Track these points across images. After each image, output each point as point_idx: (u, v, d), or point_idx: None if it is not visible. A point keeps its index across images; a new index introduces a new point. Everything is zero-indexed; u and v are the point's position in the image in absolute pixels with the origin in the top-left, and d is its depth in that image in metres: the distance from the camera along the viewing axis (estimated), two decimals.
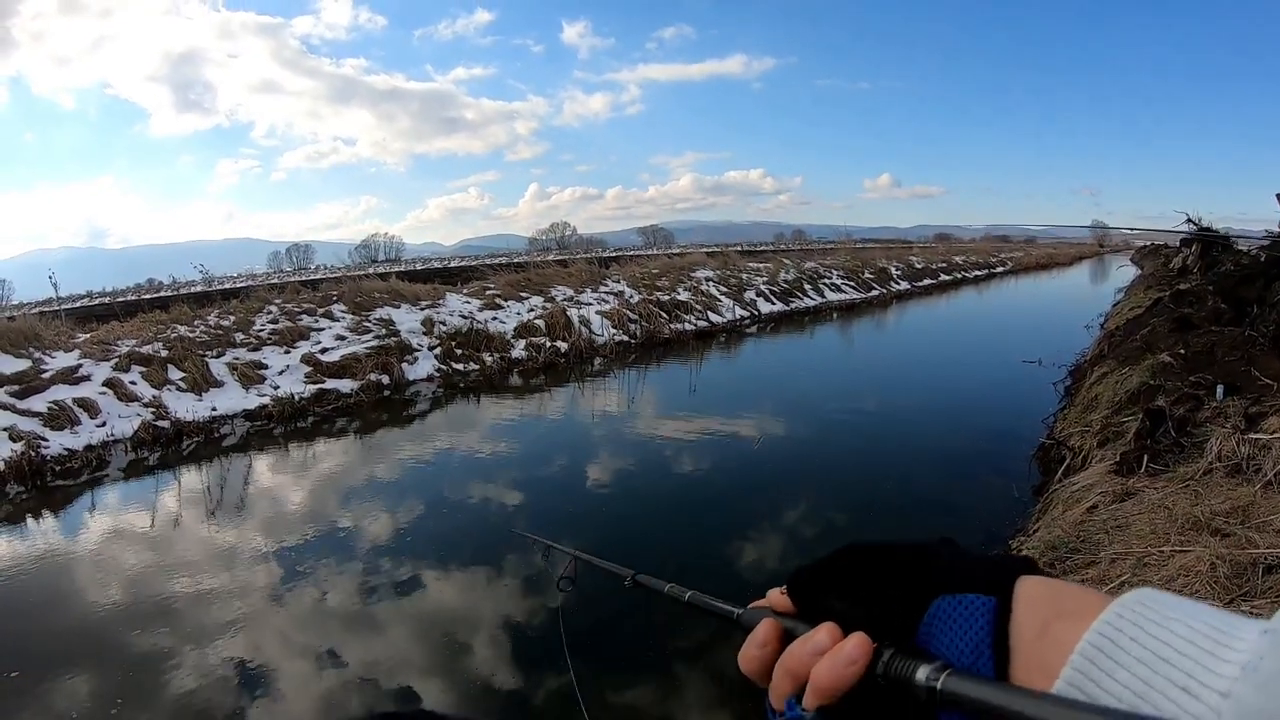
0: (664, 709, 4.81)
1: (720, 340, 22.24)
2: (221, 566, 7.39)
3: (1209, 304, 11.14)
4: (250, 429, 13.04)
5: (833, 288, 31.96)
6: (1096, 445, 7.46)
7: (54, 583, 7.28)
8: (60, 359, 13.40)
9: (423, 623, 6.18)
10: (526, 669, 5.34)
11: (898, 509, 8.26)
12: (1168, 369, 8.22)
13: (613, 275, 25.86)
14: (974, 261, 52.58)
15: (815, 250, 45.88)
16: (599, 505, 8.93)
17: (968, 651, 0.46)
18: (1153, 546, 4.01)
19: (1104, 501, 5.41)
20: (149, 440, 11.93)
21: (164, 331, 15.53)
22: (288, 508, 9.16)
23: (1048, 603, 0.46)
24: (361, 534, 8.07)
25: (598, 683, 5.05)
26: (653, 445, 11.37)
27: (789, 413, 13.18)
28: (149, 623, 6.25)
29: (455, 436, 12.24)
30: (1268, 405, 5.81)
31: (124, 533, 8.52)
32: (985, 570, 0.50)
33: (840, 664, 0.48)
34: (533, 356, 18.28)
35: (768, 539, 7.62)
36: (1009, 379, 14.85)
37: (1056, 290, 41.11)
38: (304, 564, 7.36)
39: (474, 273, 26.31)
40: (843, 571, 0.56)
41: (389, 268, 32.69)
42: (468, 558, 7.32)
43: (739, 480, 9.50)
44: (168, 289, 24.04)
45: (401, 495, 9.33)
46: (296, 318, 17.65)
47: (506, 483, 9.70)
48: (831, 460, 10.33)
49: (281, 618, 6.34)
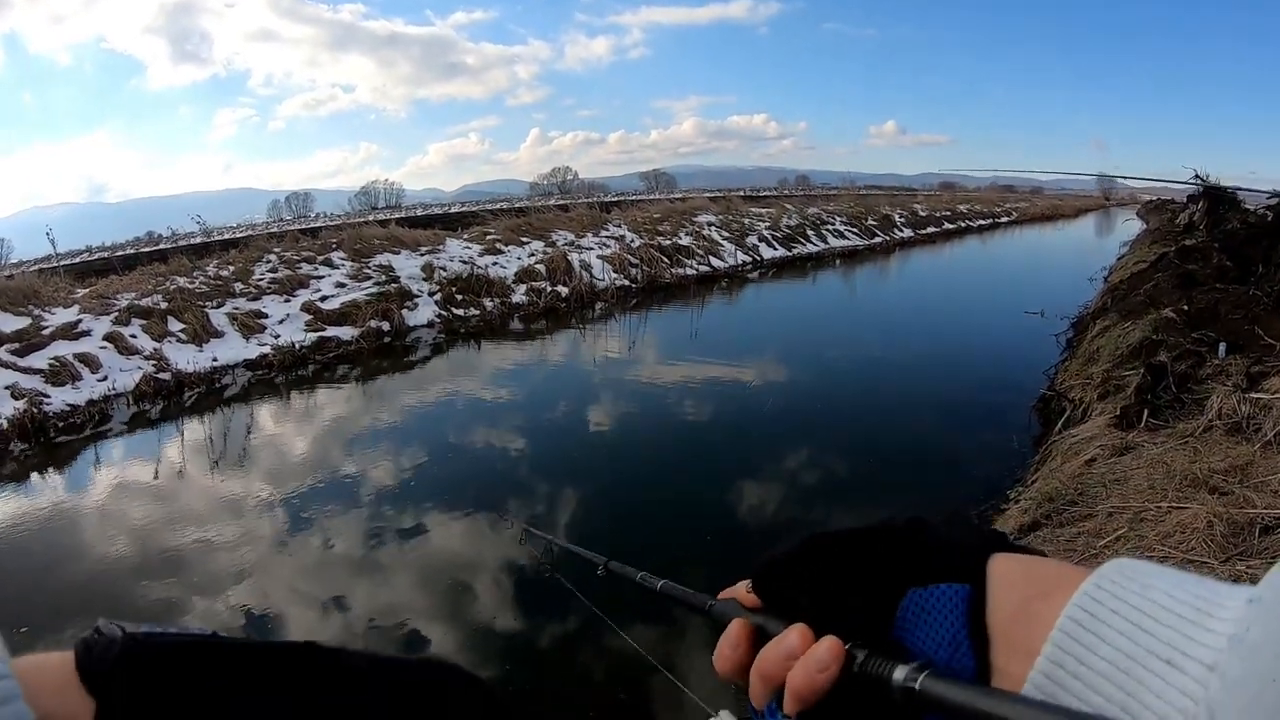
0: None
1: (722, 285, 22.20)
2: (226, 516, 7.44)
3: (1214, 261, 11.10)
4: (251, 378, 13.03)
5: (836, 234, 31.78)
6: (1097, 398, 7.49)
7: (62, 537, 7.33)
8: (60, 315, 13.32)
9: (418, 568, 6.27)
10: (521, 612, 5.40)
11: (897, 460, 8.30)
12: (1170, 325, 8.22)
13: (614, 220, 25.65)
14: (978, 211, 52.13)
15: (819, 196, 45.42)
16: (597, 453, 8.97)
17: (945, 644, 0.45)
18: (1150, 502, 4.04)
19: (1103, 455, 5.45)
20: (150, 393, 11.89)
21: (163, 284, 15.41)
22: (289, 456, 9.21)
23: (1023, 581, 0.45)
24: (360, 482, 8.10)
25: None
26: (653, 391, 11.42)
27: (790, 360, 13.19)
28: (158, 573, 6.32)
29: (455, 383, 12.26)
30: (1269, 365, 5.82)
31: (129, 485, 8.55)
32: (956, 554, 0.48)
33: (814, 669, 0.46)
34: (533, 301, 18.25)
35: (767, 490, 7.66)
36: (1011, 330, 14.84)
37: (1061, 242, 40.83)
38: (306, 512, 7.42)
39: (475, 218, 26.10)
40: (808, 566, 0.53)
41: (389, 214, 32.39)
42: (461, 510, 7.31)
43: (738, 429, 9.51)
44: (166, 241, 23.78)
45: (401, 443, 9.36)
46: (296, 266, 17.54)
47: (506, 429, 9.76)
48: (831, 408, 10.34)
49: (287, 565, 6.41)
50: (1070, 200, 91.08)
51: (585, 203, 30.60)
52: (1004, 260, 32.25)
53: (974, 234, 43.30)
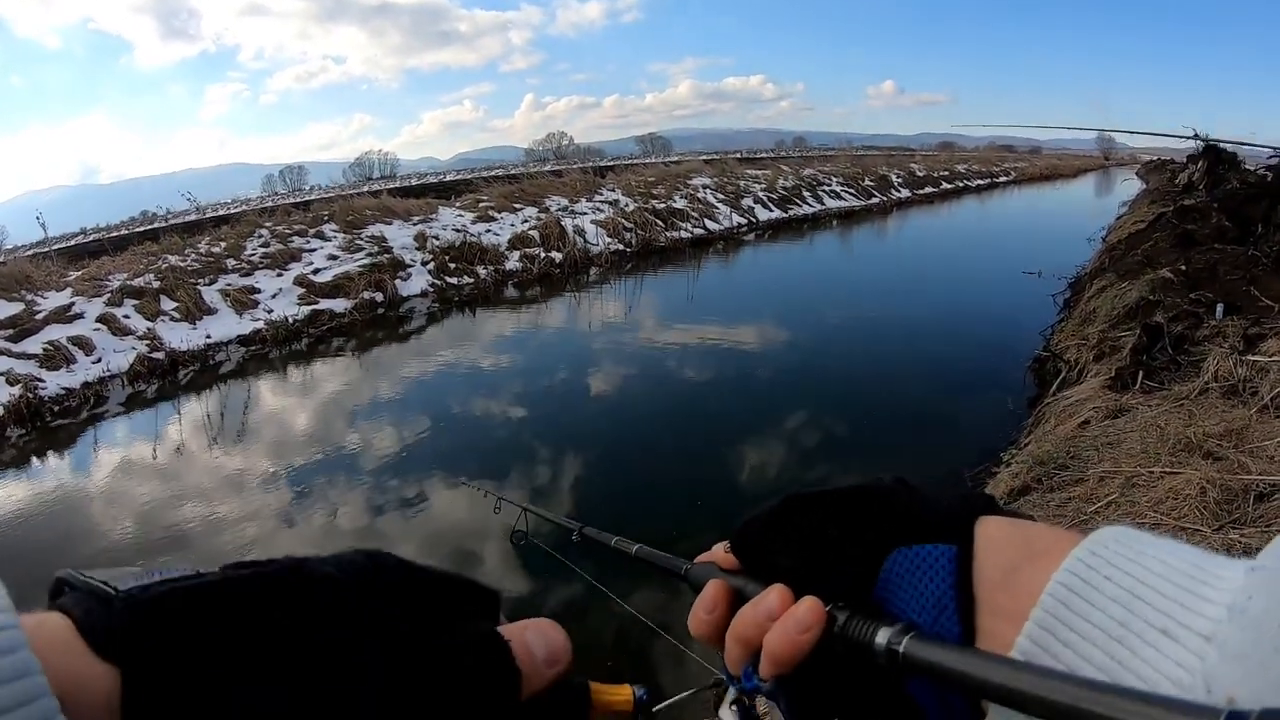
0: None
1: (718, 248, 22.15)
2: (223, 492, 7.53)
3: (1213, 221, 10.98)
4: (245, 354, 13.02)
5: (832, 195, 31.53)
6: (1092, 359, 7.44)
7: (64, 520, 7.37)
8: (53, 299, 13.24)
9: (400, 537, 6.35)
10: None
11: (891, 422, 8.31)
12: (1168, 285, 8.14)
13: (608, 184, 25.45)
14: (976, 171, 51.74)
15: (815, 157, 45.06)
16: (589, 420, 9.02)
17: (929, 607, 0.43)
18: (1142, 466, 3.98)
19: (1096, 417, 5.40)
20: (145, 373, 11.86)
21: (155, 263, 15.35)
22: (283, 431, 9.27)
23: (1012, 544, 0.43)
24: (352, 456, 8.18)
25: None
26: (647, 355, 11.47)
27: (785, 323, 13.16)
28: (161, 551, 6.39)
29: (448, 353, 12.25)
30: (1267, 327, 5.75)
31: (128, 465, 8.61)
32: (943, 514, 0.47)
33: (794, 630, 0.44)
34: (527, 268, 18.18)
35: (759, 452, 7.67)
36: (1008, 290, 14.76)
37: (1059, 202, 40.53)
38: (300, 485, 7.53)
39: (468, 186, 25.95)
40: (789, 524, 0.51)
41: (384, 185, 32.21)
42: (446, 482, 7.33)
43: (731, 392, 9.55)
44: (160, 220, 23.58)
45: (393, 415, 9.44)
46: (288, 240, 17.47)
47: (499, 398, 9.82)
48: (826, 371, 10.38)
49: (288, 537, 6.52)
50: (1070, 160, 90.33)
51: (579, 167, 30.36)
52: (1002, 220, 31.97)
53: (972, 194, 42.96)
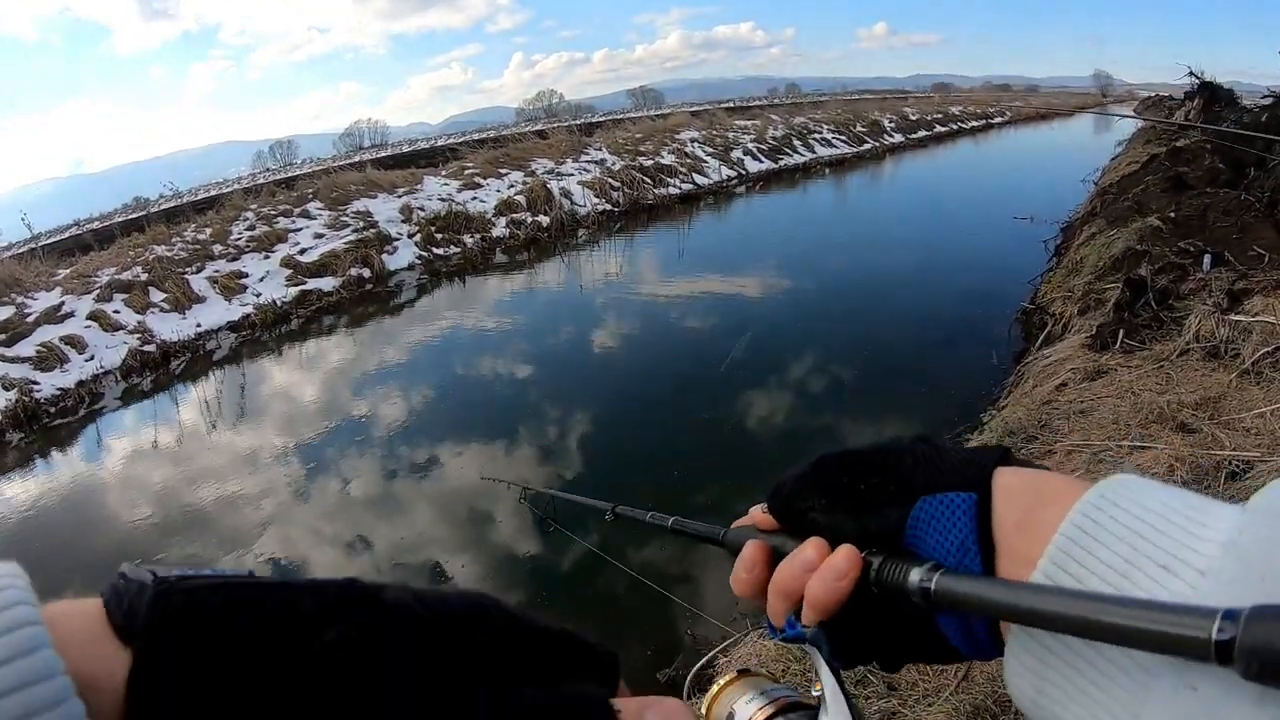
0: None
1: (708, 202, 21.87)
2: (224, 479, 7.61)
3: (1206, 163, 10.72)
4: (236, 340, 12.90)
5: (823, 142, 30.96)
6: (1077, 313, 7.30)
7: (75, 515, 7.47)
8: (43, 299, 13.11)
9: (414, 528, 6.34)
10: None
11: (876, 378, 8.33)
12: (1156, 233, 7.92)
13: (595, 143, 24.99)
14: (971, 112, 50.86)
15: (806, 104, 44.41)
16: (583, 385, 9.07)
17: (954, 550, 0.47)
18: (1112, 440, 3.85)
19: (1074, 379, 5.26)
20: (138, 366, 11.76)
21: (142, 254, 15.17)
22: (280, 413, 9.38)
23: (1026, 491, 0.46)
24: (349, 438, 8.21)
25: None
26: (635, 312, 11.65)
27: (773, 277, 13.12)
28: (173, 540, 6.51)
29: (437, 324, 12.24)
30: (1254, 280, 5.54)
31: (131, 458, 8.69)
32: (963, 466, 0.50)
33: (831, 578, 0.49)
34: (514, 234, 17.94)
35: (744, 410, 7.72)
36: (1000, 236, 14.51)
37: (1055, 141, 39.94)
38: (303, 465, 7.72)
39: (454, 153, 25.56)
40: (822, 482, 0.55)
41: (375, 154, 31.86)
42: (458, 471, 7.31)
43: (720, 349, 9.44)
44: (150, 206, 23.34)
45: (387, 393, 9.45)
46: (273, 221, 17.20)
47: (490, 370, 9.91)
48: (814, 325, 10.30)
49: (297, 515, 6.74)
50: (1066, 98, 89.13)
51: (565, 126, 29.95)
52: (996, 162, 31.47)
53: (967, 136, 42.32)
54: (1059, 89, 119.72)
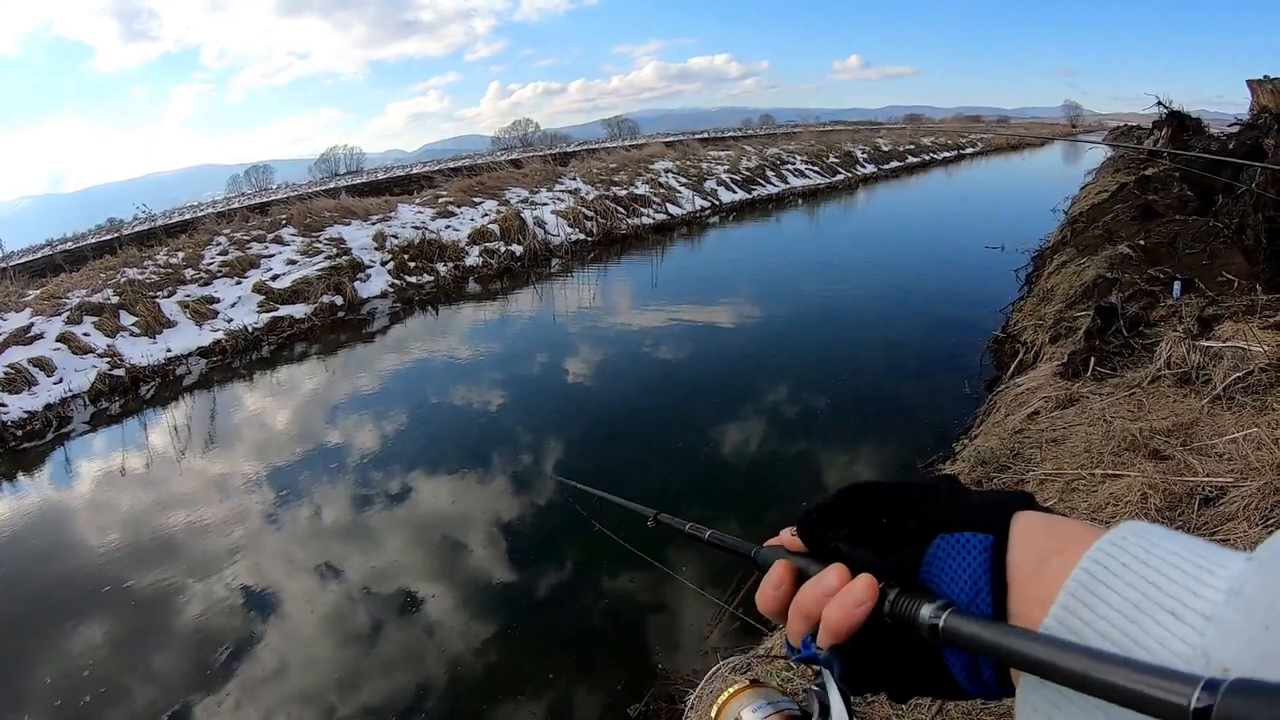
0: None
1: (681, 232, 21.90)
2: (195, 502, 7.59)
3: (1175, 191, 10.81)
4: (207, 366, 12.73)
5: (796, 173, 31.20)
6: (1049, 340, 7.28)
7: (43, 539, 7.41)
8: (12, 320, 12.93)
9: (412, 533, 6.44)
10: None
11: (851, 408, 8.24)
12: (1126, 261, 7.94)
13: (570, 172, 25.06)
14: (943, 143, 51.53)
15: (780, 135, 44.79)
16: (560, 406, 9.11)
17: (967, 588, 0.48)
18: (1085, 468, 3.77)
19: (1046, 407, 5.20)
20: (107, 391, 11.61)
21: (113, 277, 15.00)
22: (250, 440, 9.24)
23: (1043, 537, 0.47)
24: (322, 459, 8.21)
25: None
26: (606, 343, 11.57)
27: (746, 307, 13.10)
28: (145, 562, 6.45)
29: (407, 354, 12.16)
30: (1224, 307, 5.53)
31: (99, 483, 8.61)
32: (984, 508, 0.51)
33: (849, 604, 0.51)
34: (488, 263, 17.89)
35: (724, 439, 7.67)
36: (971, 266, 14.61)
37: (1026, 171, 40.45)
38: (273, 493, 7.54)
39: (429, 181, 25.56)
40: (849, 512, 0.57)
41: (351, 180, 31.74)
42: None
43: (690, 378, 9.57)
44: (125, 227, 23.07)
45: (357, 420, 9.37)
46: (246, 246, 17.10)
47: (460, 399, 9.78)
48: (787, 354, 10.27)
49: (265, 542, 6.62)
50: (1037, 128, 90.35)
51: (539, 156, 29.99)
52: (967, 193, 31.72)
53: (939, 166, 42.80)
54: (1030, 119, 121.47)
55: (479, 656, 4.79)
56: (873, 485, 0.58)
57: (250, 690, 4.71)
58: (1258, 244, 6.58)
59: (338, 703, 4.51)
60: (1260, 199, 6.62)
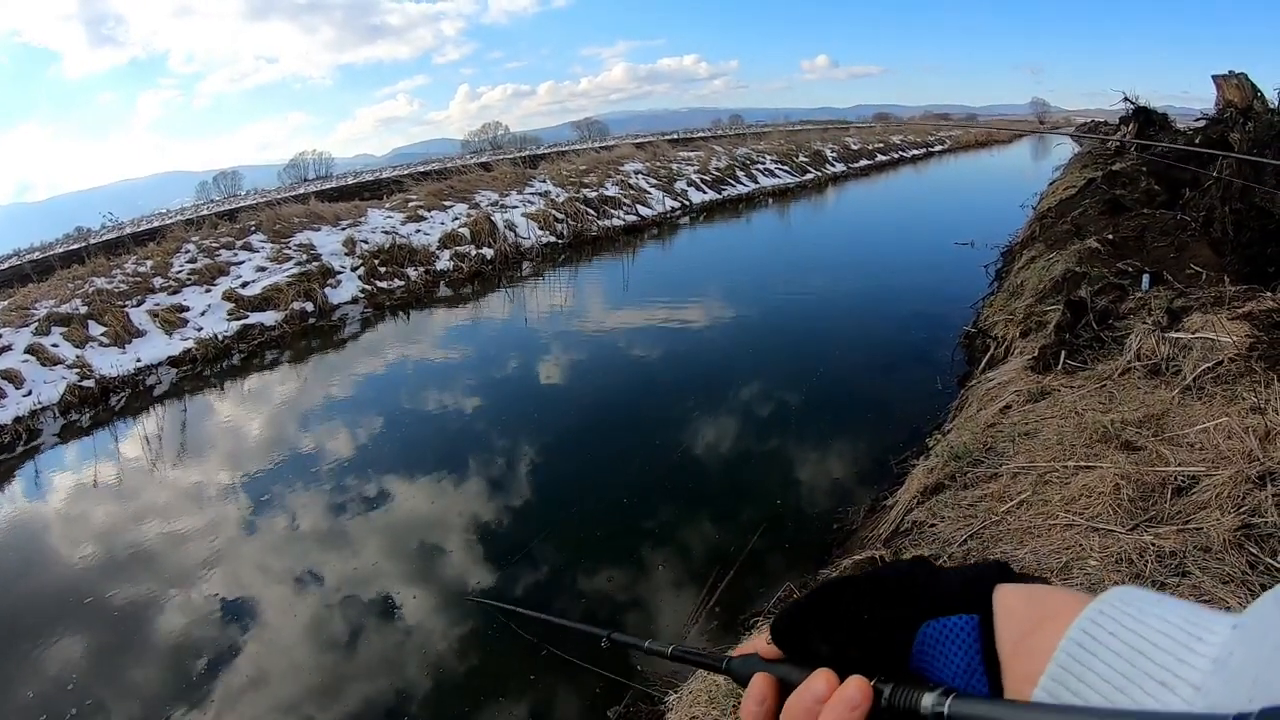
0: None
1: (652, 233, 21.87)
2: (168, 513, 7.52)
3: (1142, 185, 10.90)
4: (177, 375, 12.52)
5: (766, 173, 31.29)
6: (1019, 335, 7.30)
7: (14, 553, 7.33)
8: None
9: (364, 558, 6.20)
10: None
11: (824, 405, 8.22)
12: (1094, 255, 7.99)
13: (540, 175, 24.94)
14: (911, 141, 51.87)
15: (749, 135, 44.86)
16: (530, 410, 9.00)
17: (961, 672, 0.48)
18: (1057, 461, 3.76)
19: (1018, 401, 5.20)
20: (77, 402, 11.39)
21: (82, 287, 14.73)
22: (222, 449, 9.17)
23: (1026, 610, 0.47)
24: (295, 467, 8.14)
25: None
26: (580, 344, 11.56)
27: (717, 306, 13.13)
28: (118, 574, 6.39)
29: (379, 359, 12.05)
30: (1192, 299, 5.56)
31: (71, 495, 8.47)
32: (963, 587, 0.51)
33: (844, 710, 0.48)
34: (458, 267, 17.74)
35: (697, 439, 7.63)
36: (941, 262, 14.71)
37: (994, 167, 40.91)
38: (247, 502, 7.48)
39: (399, 185, 25.31)
40: (824, 611, 0.55)
41: (320, 185, 31.39)
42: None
43: (662, 379, 9.52)
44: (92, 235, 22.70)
45: (329, 428, 9.26)
46: (215, 254, 16.80)
47: (432, 404, 9.66)
48: (759, 352, 10.28)
49: (240, 551, 6.55)
50: (1005, 124, 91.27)
51: (509, 159, 29.84)
52: (936, 189, 31.99)
53: (908, 164, 43.10)
54: (997, 117, 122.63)
55: (458, 659, 4.71)
56: (847, 580, 0.56)
57: (230, 699, 4.63)
58: (1225, 236, 6.64)
59: (314, 712, 4.43)
60: (1228, 190, 6.68)
